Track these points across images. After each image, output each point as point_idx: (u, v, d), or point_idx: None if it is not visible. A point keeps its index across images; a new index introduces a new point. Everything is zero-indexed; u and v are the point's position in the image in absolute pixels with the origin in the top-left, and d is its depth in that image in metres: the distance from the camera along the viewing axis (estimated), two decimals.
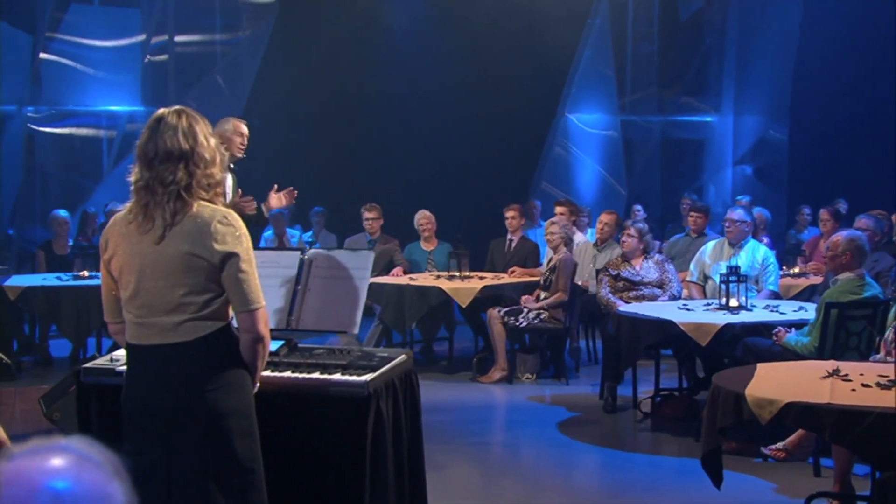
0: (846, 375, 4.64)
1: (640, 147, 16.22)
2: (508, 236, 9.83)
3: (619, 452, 6.79)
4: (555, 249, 8.76)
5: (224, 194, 6.13)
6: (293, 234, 11.97)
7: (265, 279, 3.80)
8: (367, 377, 3.47)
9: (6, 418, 6.40)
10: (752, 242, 8.11)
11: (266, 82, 14.03)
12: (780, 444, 6.06)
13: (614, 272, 8.18)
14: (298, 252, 3.91)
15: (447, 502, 5.67)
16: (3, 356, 5.88)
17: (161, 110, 3.26)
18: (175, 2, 14.13)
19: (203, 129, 3.21)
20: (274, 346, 3.74)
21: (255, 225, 6.58)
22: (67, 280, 8.91)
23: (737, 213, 8.11)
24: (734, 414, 4.50)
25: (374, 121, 13.74)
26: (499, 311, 8.67)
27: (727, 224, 8.11)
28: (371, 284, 8.98)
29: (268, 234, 11.77)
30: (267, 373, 3.53)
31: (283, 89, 13.70)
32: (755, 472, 6.05)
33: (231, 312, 3.20)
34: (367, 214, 9.87)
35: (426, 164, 13.74)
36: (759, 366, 5.13)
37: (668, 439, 6.99)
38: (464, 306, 8.82)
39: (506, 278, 9.28)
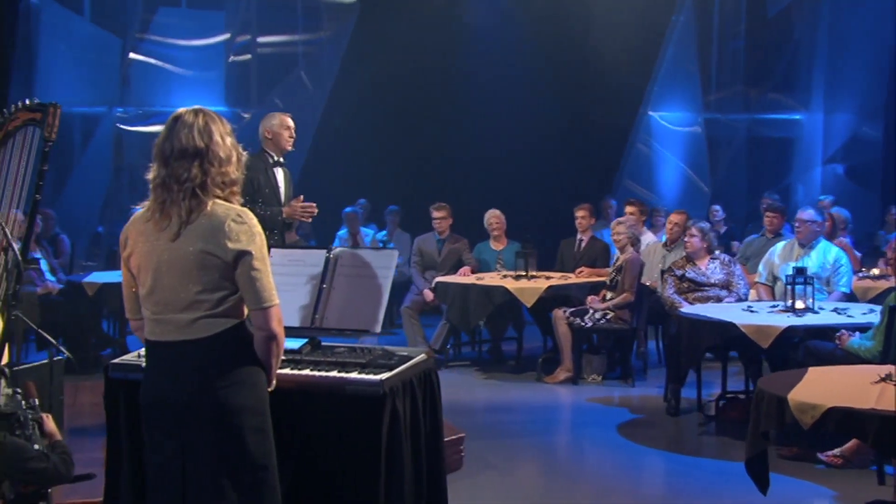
0: None
1: (724, 145, 15.96)
2: (578, 236, 9.75)
3: (678, 456, 6.68)
4: (621, 249, 8.68)
5: (260, 191, 6.20)
6: (367, 232, 12.05)
7: (292, 277, 3.87)
8: (383, 376, 3.48)
9: (71, 412, 6.60)
10: (823, 243, 7.92)
11: (346, 82, 14.17)
12: (837, 451, 5.91)
13: (679, 272, 8.06)
14: (324, 251, 3.93)
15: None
16: (63, 350, 6.01)
17: (180, 110, 3.30)
18: (258, 3, 14.37)
19: (219, 129, 3.25)
20: (297, 343, 3.78)
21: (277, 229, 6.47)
22: None
23: (807, 213, 7.92)
24: (777, 418, 4.41)
25: (451, 119, 13.74)
26: (564, 312, 8.61)
27: (797, 224, 7.93)
28: (437, 283, 9.15)
29: (341, 232, 11.89)
30: (287, 370, 3.57)
31: (363, 89, 13.80)
32: (816, 479, 5.91)
33: (246, 310, 3.23)
34: (435, 214, 9.88)
35: (503, 162, 13.72)
36: (811, 370, 5.03)
37: (731, 443, 6.84)
38: (528, 306, 8.77)
39: (572, 278, 9.21)
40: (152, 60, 14.05)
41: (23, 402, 4.78)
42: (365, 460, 3.48)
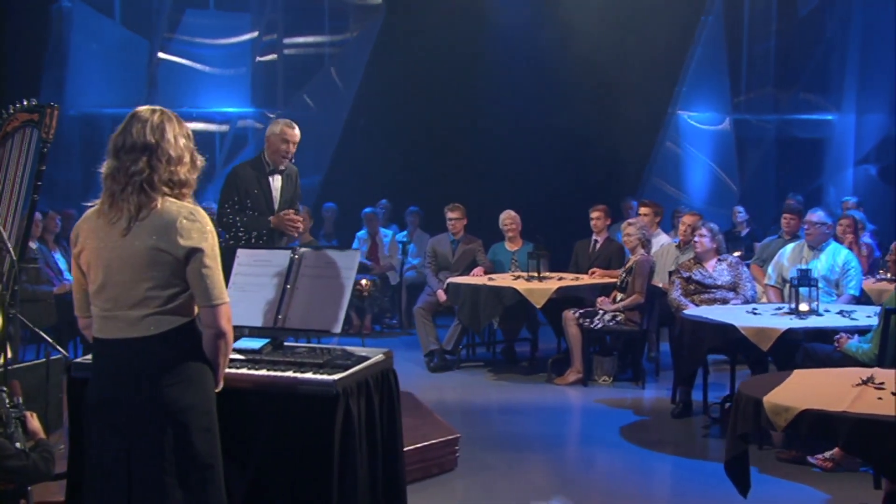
0: (881, 384, 4.45)
1: (753, 146, 15.83)
2: (593, 237, 9.72)
3: (678, 458, 6.64)
4: (632, 251, 8.64)
5: (250, 197, 6.20)
6: (387, 233, 12.09)
7: (257, 277, 3.90)
8: (336, 376, 3.49)
9: None
10: (833, 245, 7.84)
11: (372, 83, 14.22)
12: (827, 454, 5.84)
13: (686, 274, 8.00)
14: (290, 251, 3.96)
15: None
16: (59, 349, 6.11)
17: (140, 108, 3.34)
18: (284, 4, 14.48)
19: (174, 129, 3.29)
20: (258, 343, 3.81)
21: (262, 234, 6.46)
22: None
23: (816, 215, 7.83)
24: (753, 420, 4.37)
25: (475, 119, 13.73)
26: (574, 313, 8.58)
27: (806, 226, 7.85)
28: (449, 284, 9.15)
29: (361, 233, 11.94)
30: (244, 370, 3.60)
31: (388, 89, 13.85)
32: (812, 482, 5.87)
33: (196, 308, 3.26)
34: (449, 214, 9.89)
35: (527, 163, 13.70)
36: (796, 372, 4.99)
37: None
38: (538, 307, 8.75)
39: (584, 279, 9.17)
40: (179, 59, 14.22)
41: (6, 401, 4.86)
42: (319, 461, 3.49)
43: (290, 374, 3.59)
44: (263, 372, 3.63)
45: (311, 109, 14.54)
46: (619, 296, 8.60)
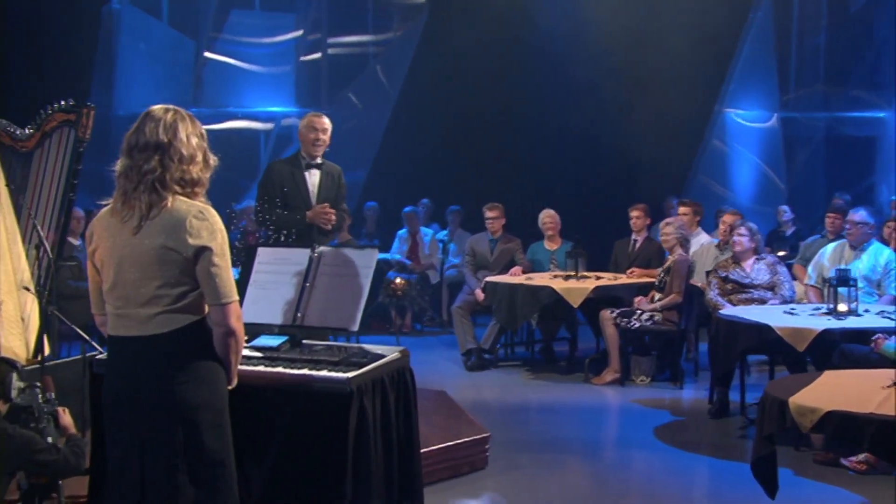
0: None
1: (802, 144, 15.61)
2: (633, 236, 9.65)
3: (710, 458, 6.58)
4: (670, 250, 8.57)
5: (282, 193, 6.22)
6: (427, 232, 12.11)
7: (277, 275, 3.93)
8: (350, 374, 3.51)
9: None
10: (875, 245, 7.72)
11: (415, 82, 14.25)
12: (861, 457, 5.76)
13: (723, 274, 7.92)
14: (308, 249, 3.98)
15: None
16: (95, 346, 6.19)
17: (153, 107, 3.37)
18: (329, 4, 14.56)
19: (186, 128, 3.30)
20: (277, 341, 3.83)
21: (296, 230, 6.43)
22: None
23: (858, 215, 7.72)
24: (778, 421, 4.33)
25: (517, 118, 13.70)
26: (611, 313, 8.54)
27: (848, 226, 7.74)
28: (486, 283, 9.15)
29: (401, 231, 11.97)
30: (261, 368, 3.63)
31: (431, 89, 13.87)
32: (848, 485, 5.78)
33: (207, 307, 3.28)
34: (488, 213, 9.88)
35: (571, 161, 13.63)
36: (826, 373, 4.93)
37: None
38: (575, 306, 8.71)
39: (622, 279, 9.12)
40: (225, 59, 14.36)
41: (39, 396, 4.95)
42: (334, 458, 3.51)
43: (305, 371, 3.61)
44: (279, 369, 3.66)
45: (356, 108, 14.61)
46: (657, 295, 8.54)
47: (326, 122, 6.53)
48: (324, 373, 3.57)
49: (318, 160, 6.56)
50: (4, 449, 4.20)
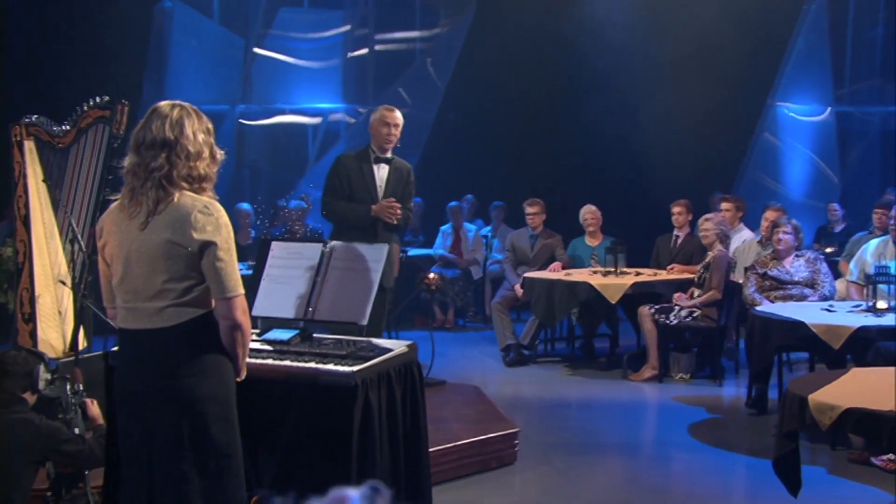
0: None
1: (857, 139, 15.34)
2: (675, 232, 9.57)
3: (748, 458, 6.50)
4: (709, 246, 8.49)
5: (350, 188, 6.21)
6: (470, 228, 12.10)
7: (290, 270, 3.96)
8: (355, 368, 3.53)
9: None
10: None
11: (462, 78, 14.23)
12: (892, 455, 5.65)
13: (761, 270, 7.82)
14: (320, 244, 4.01)
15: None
16: None
17: (161, 103, 3.41)
18: (376, 0, 14.61)
19: (193, 124, 3.34)
20: (287, 335, 3.87)
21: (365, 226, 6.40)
22: (242, 270, 9.41)
23: None
24: (799, 418, 4.28)
25: (564, 113, 13.58)
26: (650, 309, 8.48)
27: (891, 222, 7.60)
28: (525, 279, 9.13)
29: (445, 227, 11.98)
30: (269, 361, 3.66)
31: (478, 84, 13.85)
32: (880, 483, 5.68)
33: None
34: (528, 209, 9.86)
35: (617, 157, 13.51)
36: (854, 370, 4.87)
37: (804, 446, 6.62)
38: (613, 302, 8.66)
39: (661, 275, 9.05)
40: (273, 54, 14.49)
41: (68, 388, 5.05)
42: (338, 449, 3.53)
43: (311, 365, 3.64)
44: (287, 363, 3.69)
45: (405, 104, 14.65)
46: (697, 292, 8.47)
47: (399, 117, 6.50)
48: (329, 366, 3.60)
49: (388, 155, 6.50)
50: (31, 438, 4.29)
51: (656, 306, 8.48)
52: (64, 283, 6.10)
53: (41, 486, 4.75)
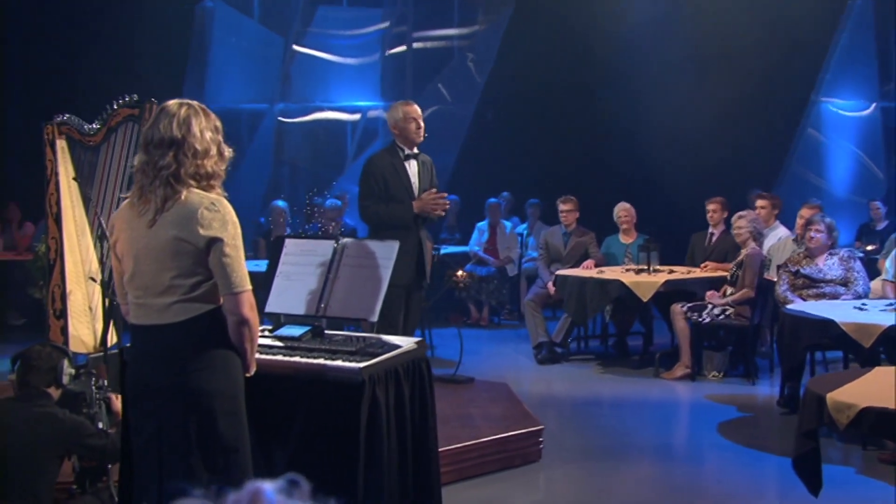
0: None
1: None
2: (710, 230, 9.49)
3: (779, 457, 6.42)
4: (742, 244, 8.41)
5: (388, 189, 6.17)
6: (507, 225, 12.07)
7: (303, 266, 3.99)
8: (362, 364, 3.54)
9: None
10: None
11: (501, 76, 14.21)
12: None
13: (794, 269, 7.74)
14: (332, 241, 4.03)
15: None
16: None
17: (169, 101, 3.45)
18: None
19: (200, 122, 3.37)
20: (300, 331, 3.90)
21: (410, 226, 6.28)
22: None
23: None
24: (817, 417, 4.23)
25: (601, 111, 13.50)
26: (682, 307, 8.42)
27: None
28: (557, 276, 9.10)
29: (481, 224, 11.98)
30: (279, 357, 3.69)
31: (515, 83, 13.82)
32: None
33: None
34: (561, 206, 9.82)
35: (661, 154, 13.41)
36: (878, 369, 4.82)
37: (834, 445, 6.56)
38: (644, 300, 8.61)
39: (695, 273, 8.98)
40: (312, 51, 14.58)
41: (92, 383, 5.13)
42: (346, 446, 3.55)
43: (320, 361, 3.66)
44: (296, 359, 3.72)
45: (445, 101, 14.66)
46: (730, 290, 8.40)
47: (419, 109, 6.44)
48: (337, 362, 3.62)
49: (415, 150, 6.40)
50: (54, 433, 4.37)
51: (689, 304, 8.42)
52: (94, 279, 6.19)
53: (67, 480, 4.83)
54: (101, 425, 4.89)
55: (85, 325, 6.32)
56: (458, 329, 7.89)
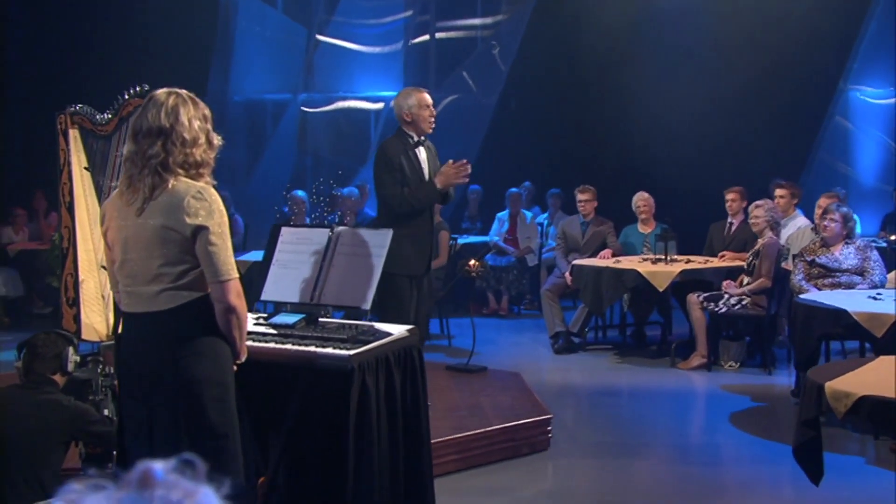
0: None
1: None
2: (729, 219, 9.42)
3: (786, 446, 6.35)
4: (759, 233, 8.35)
5: (405, 177, 6.13)
6: (528, 215, 12.05)
7: (299, 255, 4.01)
8: (352, 351, 3.56)
9: None
10: None
11: (524, 65, 14.18)
12: None
13: (809, 258, 7.68)
14: (328, 229, 4.05)
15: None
16: None
17: (157, 90, 3.47)
18: None
19: (188, 111, 3.38)
20: (293, 319, 3.92)
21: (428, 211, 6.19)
22: None
23: None
24: (815, 406, 4.22)
25: (624, 101, 13.43)
26: (698, 297, 8.39)
27: None
28: (574, 266, 9.08)
29: (501, 214, 11.97)
30: (271, 344, 3.71)
31: (537, 73, 13.80)
32: None
33: None
34: (580, 196, 9.78)
35: (684, 143, 13.33)
36: (882, 358, 4.77)
37: (848, 436, 6.52)
38: (660, 290, 8.57)
39: (712, 262, 8.93)
40: (335, 41, 14.62)
41: (99, 370, 5.19)
42: (336, 433, 3.57)
43: (311, 348, 3.68)
44: (287, 346, 3.74)
45: (470, 90, 14.65)
46: (746, 280, 8.35)
47: (430, 96, 6.28)
48: (328, 350, 3.63)
49: (422, 138, 6.23)
50: (59, 419, 4.42)
51: (705, 294, 8.38)
52: (106, 268, 6.24)
53: (75, 465, 4.89)
54: (106, 412, 4.95)
55: (97, 314, 6.37)
56: (471, 319, 7.87)
